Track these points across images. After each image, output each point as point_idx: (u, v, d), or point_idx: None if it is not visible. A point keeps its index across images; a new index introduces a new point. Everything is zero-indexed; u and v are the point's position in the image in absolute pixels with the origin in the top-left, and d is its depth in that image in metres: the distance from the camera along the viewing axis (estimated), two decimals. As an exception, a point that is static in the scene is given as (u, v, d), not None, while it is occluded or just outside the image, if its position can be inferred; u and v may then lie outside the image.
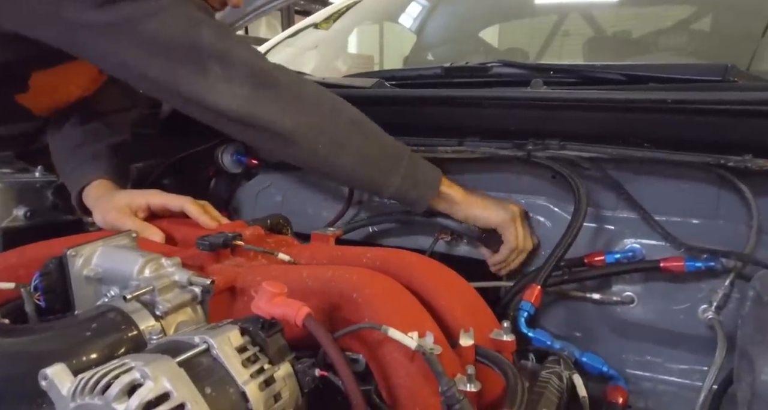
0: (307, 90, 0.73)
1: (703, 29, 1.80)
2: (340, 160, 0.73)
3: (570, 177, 0.73)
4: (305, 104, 0.71)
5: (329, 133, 0.72)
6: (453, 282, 0.59)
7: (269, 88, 0.69)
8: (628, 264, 0.73)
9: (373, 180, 0.75)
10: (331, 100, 0.74)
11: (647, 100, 0.67)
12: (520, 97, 0.76)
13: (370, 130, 0.75)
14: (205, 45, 0.65)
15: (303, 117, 0.70)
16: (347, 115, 0.74)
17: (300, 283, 0.55)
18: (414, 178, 0.76)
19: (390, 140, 0.76)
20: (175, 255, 0.62)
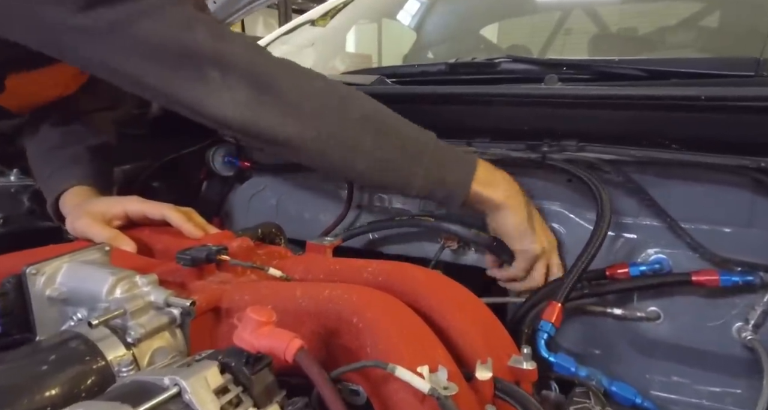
0: (313, 88, 0.66)
1: (711, 25, 1.74)
2: (353, 163, 0.66)
3: (591, 181, 0.67)
4: (310, 106, 0.64)
5: (338, 136, 0.65)
6: (465, 301, 0.53)
7: (270, 91, 0.62)
8: (656, 278, 0.66)
9: (393, 181, 0.68)
10: (338, 96, 0.67)
11: (677, 96, 0.60)
12: (534, 94, 0.70)
13: (385, 125, 0.67)
14: (201, 48, 0.58)
15: (308, 122, 0.63)
16: (358, 111, 0.67)
17: (293, 304, 0.49)
18: (439, 176, 0.67)
19: (411, 133, 0.68)
20: (153, 270, 0.56)
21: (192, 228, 0.68)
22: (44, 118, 0.85)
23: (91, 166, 0.80)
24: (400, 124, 0.68)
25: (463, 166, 0.68)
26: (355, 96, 0.68)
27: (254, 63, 0.62)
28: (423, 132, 0.69)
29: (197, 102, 0.60)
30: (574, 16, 2.07)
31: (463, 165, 0.68)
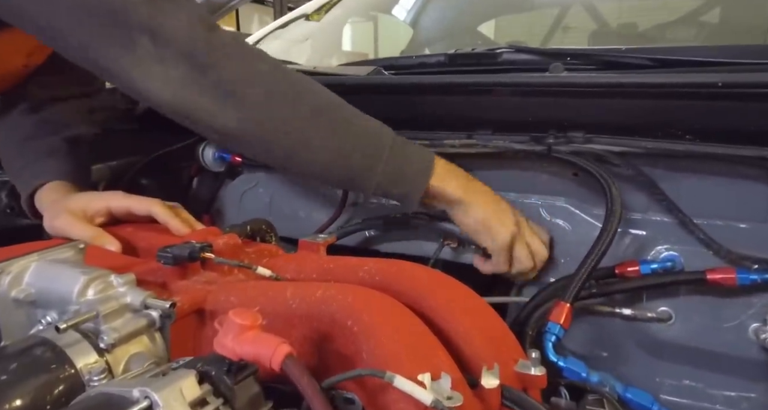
0: (260, 73, 0.59)
1: (712, 21, 1.72)
2: (301, 159, 0.61)
3: (600, 175, 0.63)
4: (253, 93, 0.58)
5: (284, 129, 0.59)
6: (468, 301, 0.49)
7: (208, 72, 0.56)
8: (668, 276, 0.63)
9: (347, 179, 0.64)
10: (288, 85, 0.61)
11: (693, 84, 0.57)
12: (539, 83, 0.66)
13: (339, 119, 0.62)
14: (132, 10, 0.53)
15: (250, 110, 0.58)
16: (309, 102, 0.61)
17: (283, 306, 0.45)
18: (397, 174, 0.63)
19: (368, 128, 0.64)
20: (133, 269, 0.52)
21: (179, 224, 0.64)
22: (14, 104, 0.80)
23: (69, 159, 0.75)
24: (357, 119, 0.64)
25: (420, 162, 0.65)
26: (307, 85, 0.63)
27: (194, 38, 0.56)
28: (381, 127, 0.65)
29: (124, 72, 0.55)
30: (572, 13, 2.05)
31: (421, 161, 0.65)
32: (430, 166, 0.65)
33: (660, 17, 1.84)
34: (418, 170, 0.64)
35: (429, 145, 0.76)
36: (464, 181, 0.67)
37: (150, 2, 0.53)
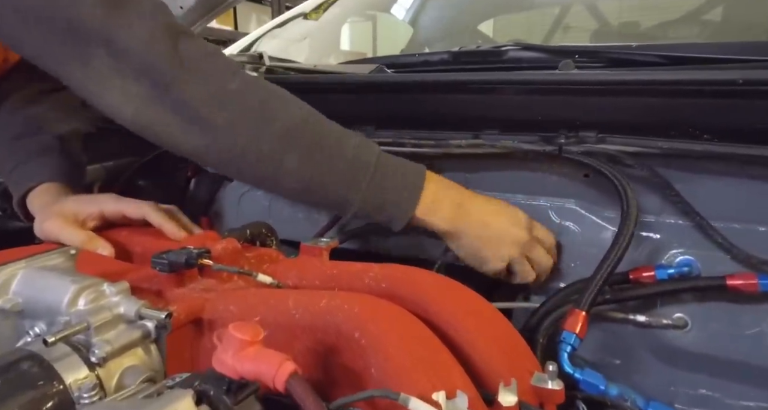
0: (227, 92, 0.54)
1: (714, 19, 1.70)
2: (275, 182, 0.57)
3: (615, 177, 0.61)
4: (220, 117, 0.53)
5: (254, 156, 0.55)
6: (480, 310, 0.47)
7: (171, 91, 0.51)
8: (686, 282, 0.60)
9: (325, 203, 0.60)
10: (260, 105, 0.56)
11: (712, 81, 0.54)
12: (549, 81, 0.64)
13: (315, 141, 0.57)
14: (87, 20, 0.48)
15: (217, 133, 0.53)
16: (281, 126, 0.56)
17: (285, 316, 0.42)
18: (379, 202, 0.58)
19: (348, 150, 0.58)
20: (127, 276, 0.50)
21: (174, 228, 0.61)
22: (1, 99, 0.77)
23: (61, 158, 0.72)
24: (336, 141, 0.58)
25: (404, 191, 0.59)
26: (280, 105, 0.58)
27: (155, 51, 0.50)
28: (364, 147, 0.59)
29: (81, 85, 0.51)
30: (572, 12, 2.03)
31: (405, 190, 0.59)
32: (415, 196, 0.59)
33: (661, 16, 1.82)
34: (400, 200, 0.59)
35: (434, 145, 0.73)
36: (453, 211, 0.62)
37: (107, 9, 0.49)
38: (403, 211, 0.59)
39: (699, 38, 1.60)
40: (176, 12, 1.28)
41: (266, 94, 0.57)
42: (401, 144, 0.76)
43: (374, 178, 0.58)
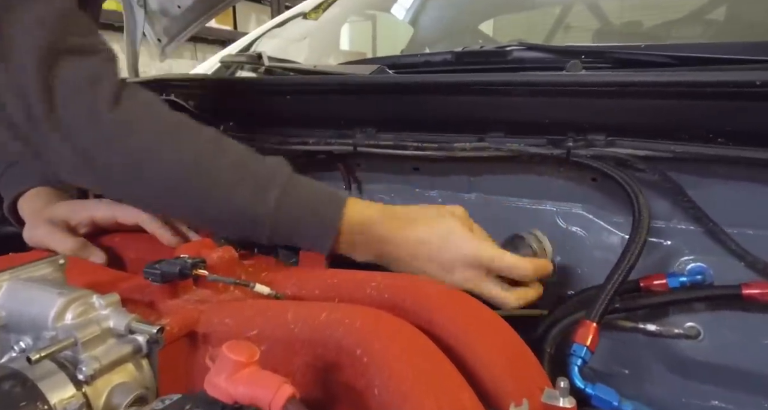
0: (96, 145, 0.50)
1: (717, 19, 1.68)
2: (176, 219, 0.57)
3: (626, 182, 0.58)
4: (88, 177, 0.53)
5: (140, 204, 0.56)
6: (488, 323, 0.45)
7: (42, 153, 0.50)
8: (699, 291, 0.58)
9: (240, 237, 0.56)
10: (135, 152, 0.51)
11: (727, 82, 0.52)
12: (557, 82, 0.62)
13: (200, 193, 0.52)
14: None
15: (107, 179, 0.52)
16: (159, 180, 0.52)
17: (283, 330, 0.40)
18: (288, 239, 0.54)
19: (239, 200, 0.52)
20: (119, 286, 0.48)
21: (169, 235, 0.59)
22: None
23: None
24: (228, 189, 0.52)
25: (319, 230, 0.53)
26: (160, 150, 0.52)
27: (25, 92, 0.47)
28: (262, 193, 0.52)
29: None
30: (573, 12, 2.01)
31: (320, 230, 0.53)
32: (329, 237, 0.53)
33: (664, 15, 1.80)
34: (314, 240, 0.54)
35: (437, 148, 0.71)
36: (375, 249, 0.55)
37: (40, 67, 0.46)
38: (319, 248, 0.54)
39: (702, 38, 1.59)
40: (174, 11, 1.26)
41: (147, 138, 0.52)
42: (403, 147, 0.74)
43: (276, 231, 0.53)
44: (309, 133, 0.85)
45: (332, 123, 0.83)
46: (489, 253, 0.53)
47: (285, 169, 0.54)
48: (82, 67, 0.49)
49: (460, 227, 0.54)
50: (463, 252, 0.52)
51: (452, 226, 0.53)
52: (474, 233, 0.55)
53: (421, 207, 0.57)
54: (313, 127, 0.86)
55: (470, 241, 0.53)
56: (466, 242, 0.53)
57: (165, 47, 1.32)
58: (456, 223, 0.54)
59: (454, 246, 0.52)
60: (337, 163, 0.85)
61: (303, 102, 0.84)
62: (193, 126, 0.54)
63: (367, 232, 0.53)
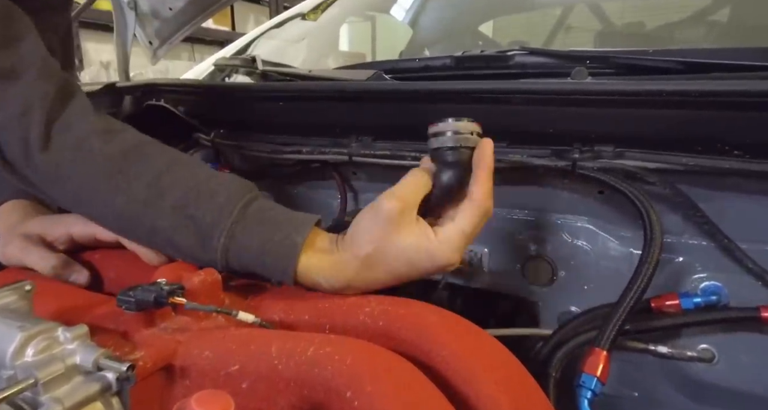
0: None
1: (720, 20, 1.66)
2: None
3: (636, 198, 0.55)
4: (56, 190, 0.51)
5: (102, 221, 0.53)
6: (491, 355, 0.41)
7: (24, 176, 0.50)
8: (713, 313, 0.55)
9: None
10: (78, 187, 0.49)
11: (745, 92, 0.49)
12: (562, 91, 0.58)
13: (148, 230, 0.49)
14: None
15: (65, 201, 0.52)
16: (109, 211, 0.50)
17: (266, 365, 0.37)
18: (243, 273, 0.49)
19: (188, 246, 0.48)
20: (93, 312, 0.44)
21: (150, 253, 0.56)
22: None
23: None
24: (171, 230, 0.48)
25: (275, 277, 0.48)
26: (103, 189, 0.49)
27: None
28: (212, 229, 0.47)
29: None
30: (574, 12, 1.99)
31: (276, 277, 0.48)
32: (288, 271, 0.47)
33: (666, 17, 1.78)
34: (273, 273, 0.48)
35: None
36: (335, 277, 0.47)
37: None
38: (282, 277, 0.48)
39: (706, 39, 1.56)
40: (165, 14, 1.22)
41: (78, 184, 0.49)
42: (401, 156, 0.71)
43: (232, 270, 0.49)
44: (303, 141, 0.82)
45: (327, 131, 0.80)
46: (457, 241, 0.46)
47: (233, 208, 0.47)
48: (8, 98, 0.47)
49: (410, 239, 0.46)
50: (439, 261, 0.46)
51: (404, 246, 0.45)
52: (420, 224, 0.47)
53: (362, 236, 0.47)
54: (307, 134, 0.83)
55: (434, 250, 0.46)
56: (432, 252, 0.46)
57: (157, 50, 1.29)
58: (404, 239, 0.45)
59: (424, 263, 0.46)
60: (332, 172, 0.82)
61: (297, 109, 0.80)
62: (132, 163, 0.49)
63: (323, 282, 0.47)
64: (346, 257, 0.47)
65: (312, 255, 0.47)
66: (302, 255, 0.46)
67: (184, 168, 0.50)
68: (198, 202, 0.47)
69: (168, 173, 0.49)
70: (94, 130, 0.49)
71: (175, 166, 0.50)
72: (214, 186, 0.49)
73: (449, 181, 0.48)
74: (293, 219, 0.48)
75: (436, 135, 0.49)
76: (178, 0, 1.18)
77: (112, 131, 0.50)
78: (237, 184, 0.50)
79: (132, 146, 0.50)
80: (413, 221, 0.46)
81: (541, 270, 0.69)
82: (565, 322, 0.61)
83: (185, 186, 0.48)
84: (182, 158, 0.52)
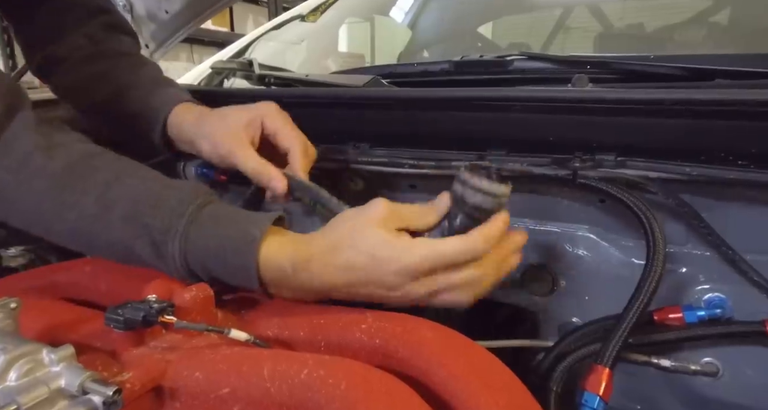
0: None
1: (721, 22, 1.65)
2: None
3: (640, 210, 0.54)
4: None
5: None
6: (489, 373, 0.40)
7: None
8: (717, 327, 0.54)
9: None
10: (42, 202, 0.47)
11: (751, 101, 0.48)
12: (562, 99, 0.57)
13: (98, 244, 0.49)
14: None
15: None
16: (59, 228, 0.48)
17: (259, 388, 0.35)
18: (207, 278, 0.47)
19: (140, 252, 0.47)
20: (80, 329, 0.43)
21: (280, 184, 0.58)
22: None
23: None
24: (128, 239, 0.47)
25: (239, 280, 0.47)
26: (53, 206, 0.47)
27: None
28: (165, 235, 0.46)
29: None
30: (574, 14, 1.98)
31: (240, 280, 0.46)
32: (252, 284, 0.46)
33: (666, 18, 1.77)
34: (239, 283, 0.47)
35: (435, 165, 0.67)
36: (306, 293, 0.48)
37: None
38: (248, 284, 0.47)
39: (706, 41, 1.55)
40: (161, 17, 1.21)
41: (27, 206, 0.47)
42: (399, 164, 0.70)
43: (195, 277, 0.47)
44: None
45: (324, 137, 0.79)
46: (427, 253, 0.43)
47: (184, 209, 0.46)
48: None
49: (384, 235, 0.44)
50: (402, 263, 0.43)
51: (375, 239, 0.44)
52: (400, 234, 0.45)
53: (338, 223, 0.47)
54: (303, 141, 0.81)
55: (402, 250, 0.43)
56: (399, 252, 0.43)
57: (153, 53, 1.28)
58: (378, 232, 0.44)
59: (387, 261, 0.43)
60: (328, 179, 0.80)
61: (293, 115, 0.79)
62: (78, 177, 0.47)
63: (287, 284, 0.46)
64: (316, 236, 0.46)
65: (273, 239, 0.45)
66: (263, 243, 0.45)
67: (134, 177, 0.48)
68: (150, 209, 0.46)
69: (117, 184, 0.47)
70: (37, 146, 0.46)
71: (125, 176, 0.48)
72: (167, 192, 0.47)
73: (459, 229, 0.46)
74: (251, 217, 0.47)
75: (476, 190, 0.45)
76: (175, 3, 1.17)
77: (57, 146, 0.48)
78: (190, 188, 0.48)
79: (78, 159, 0.47)
80: (393, 228, 0.45)
81: (542, 280, 0.68)
82: (566, 334, 0.60)
83: (135, 195, 0.47)
84: (132, 168, 0.50)
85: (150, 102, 0.69)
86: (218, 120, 0.63)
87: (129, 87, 0.71)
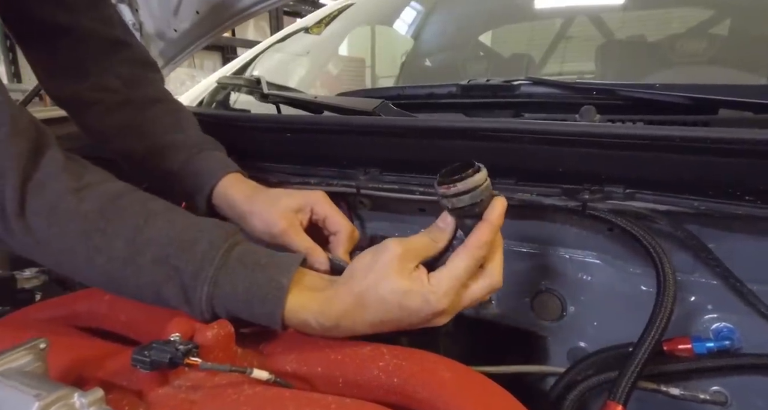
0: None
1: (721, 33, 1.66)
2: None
3: (650, 245, 0.55)
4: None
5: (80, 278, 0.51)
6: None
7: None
8: (727, 359, 0.55)
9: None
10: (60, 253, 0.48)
11: (762, 141, 0.49)
12: (571, 132, 0.58)
13: (127, 291, 0.49)
14: None
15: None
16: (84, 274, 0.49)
17: (283, 432, 0.37)
18: (233, 320, 0.48)
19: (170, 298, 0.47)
20: (106, 366, 0.44)
21: (323, 267, 0.59)
22: None
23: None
24: (158, 284, 0.47)
25: (263, 311, 0.46)
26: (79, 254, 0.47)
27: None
28: (195, 280, 0.46)
29: None
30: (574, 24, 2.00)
31: (264, 310, 0.46)
32: (276, 319, 0.46)
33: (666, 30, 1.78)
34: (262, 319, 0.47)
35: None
36: (324, 322, 0.46)
37: None
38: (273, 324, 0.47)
39: (706, 52, 1.56)
40: (170, 35, 1.23)
41: (57, 249, 0.47)
42: (410, 191, 0.71)
43: (215, 314, 0.48)
44: (311, 171, 0.82)
45: (334, 162, 0.80)
46: (449, 286, 0.45)
47: (215, 254, 0.47)
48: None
49: (407, 285, 0.45)
50: (432, 307, 0.44)
51: (399, 290, 0.44)
52: (420, 275, 0.46)
53: (357, 272, 0.47)
54: (313, 165, 0.83)
55: (428, 295, 0.45)
56: (426, 298, 0.45)
57: (161, 69, 1.29)
58: (401, 284, 0.45)
59: (417, 311, 0.45)
60: (340, 201, 0.81)
61: (304, 140, 0.80)
62: (108, 220, 0.47)
63: (312, 333, 0.48)
64: (340, 292, 0.46)
65: (299, 294, 0.47)
66: (289, 296, 0.46)
67: (162, 218, 0.49)
68: (179, 252, 0.47)
69: (146, 226, 0.47)
70: (68, 188, 0.47)
71: (153, 217, 0.48)
72: (195, 233, 0.48)
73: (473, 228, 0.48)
74: (277, 261, 0.48)
75: (458, 194, 0.46)
76: (184, 22, 1.18)
77: (86, 186, 0.48)
78: (218, 230, 0.49)
79: (107, 201, 0.48)
80: (412, 268, 0.46)
81: (551, 305, 0.69)
82: (576, 362, 0.61)
83: (165, 237, 0.47)
84: (160, 207, 0.50)
85: (195, 167, 0.70)
86: (270, 201, 0.65)
87: (170, 146, 0.72)
